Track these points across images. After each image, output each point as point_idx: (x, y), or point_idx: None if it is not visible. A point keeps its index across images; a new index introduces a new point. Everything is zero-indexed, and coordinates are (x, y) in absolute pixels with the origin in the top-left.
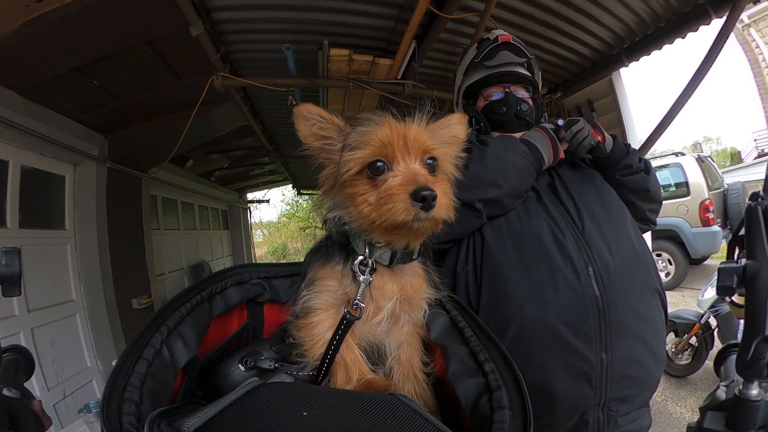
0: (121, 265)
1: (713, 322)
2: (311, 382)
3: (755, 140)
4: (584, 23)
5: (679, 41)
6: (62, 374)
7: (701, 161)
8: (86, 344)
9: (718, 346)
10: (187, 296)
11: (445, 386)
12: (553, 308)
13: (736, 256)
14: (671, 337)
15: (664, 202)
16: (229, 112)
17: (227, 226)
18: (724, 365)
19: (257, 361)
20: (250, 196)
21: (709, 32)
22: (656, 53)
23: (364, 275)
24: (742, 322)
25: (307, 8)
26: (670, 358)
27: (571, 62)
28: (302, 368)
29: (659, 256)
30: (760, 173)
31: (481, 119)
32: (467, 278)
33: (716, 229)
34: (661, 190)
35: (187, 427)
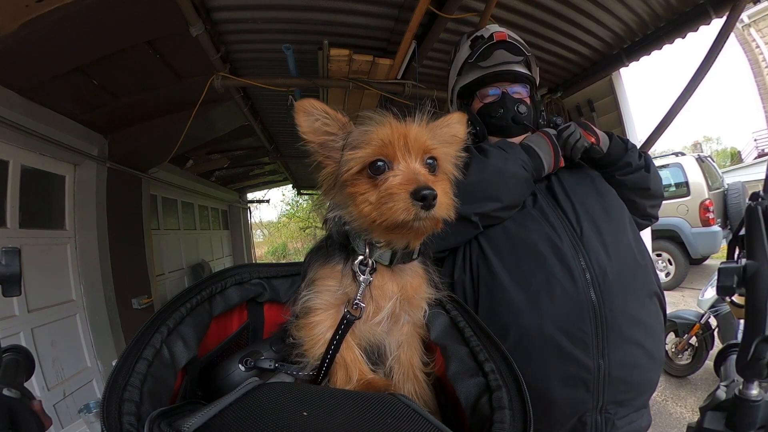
0: (121, 265)
1: (713, 322)
2: (311, 382)
3: (755, 140)
4: (584, 23)
5: (679, 41)
6: (62, 374)
7: (701, 161)
8: (86, 344)
9: (718, 346)
10: (187, 296)
11: (445, 386)
12: (549, 316)
13: (736, 256)
14: (671, 337)
15: (664, 202)
16: (229, 112)
17: (227, 226)
18: (724, 365)
19: (257, 361)
20: (250, 196)
21: (709, 32)
22: (656, 53)
23: (364, 275)
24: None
25: (307, 8)
26: (670, 358)
27: (571, 62)
28: (302, 368)
29: (659, 256)
30: (760, 173)
31: (477, 122)
32: (464, 287)
33: (716, 229)
34: (662, 184)
35: (187, 427)
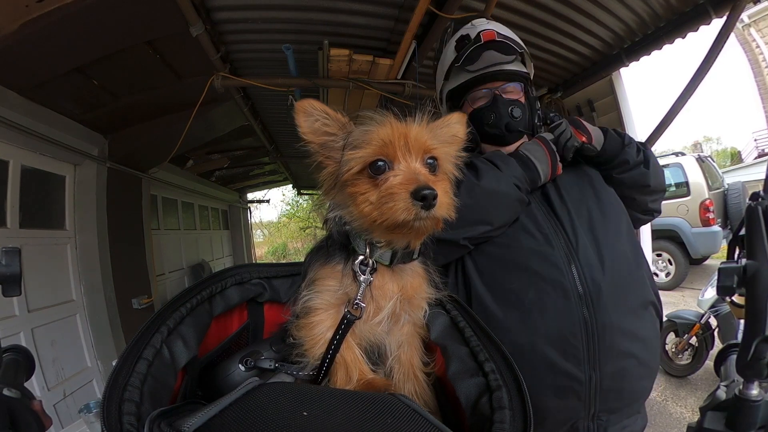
0: (121, 265)
1: (713, 322)
2: (311, 381)
3: (755, 140)
4: (584, 23)
5: (679, 41)
6: (62, 374)
7: (701, 161)
8: (86, 344)
9: (718, 346)
10: (187, 296)
11: (445, 386)
12: (541, 333)
13: (736, 256)
14: (671, 337)
15: (664, 202)
16: (229, 112)
17: (227, 226)
18: (724, 365)
19: (257, 361)
20: (250, 196)
21: (709, 32)
22: (656, 53)
23: (364, 275)
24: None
25: (307, 8)
26: (670, 358)
27: (571, 62)
28: (302, 368)
29: (659, 256)
30: (760, 173)
31: (469, 128)
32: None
33: (716, 229)
34: (663, 178)
35: (187, 427)
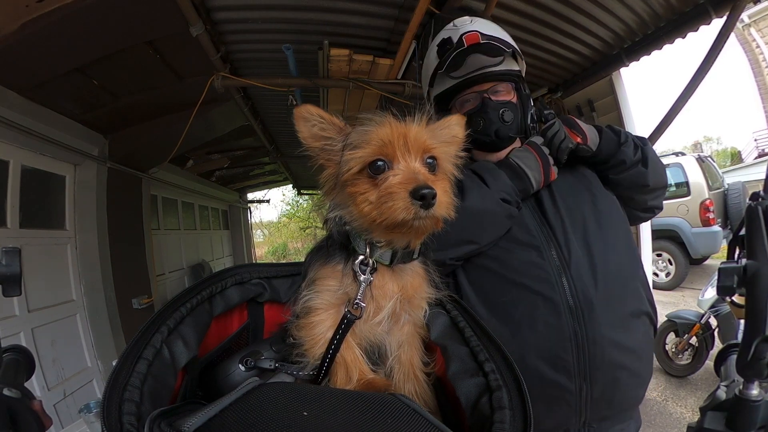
0: (121, 265)
1: (713, 322)
2: (311, 381)
3: (755, 140)
4: (584, 23)
5: (679, 41)
6: (62, 374)
7: (701, 161)
8: (86, 344)
9: (718, 346)
10: (187, 296)
11: (445, 386)
12: (531, 347)
13: (736, 256)
14: (671, 337)
15: (664, 202)
16: (229, 112)
17: (227, 226)
18: (724, 365)
19: (257, 361)
20: (250, 196)
21: (709, 32)
22: (656, 53)
23: (364, 275)
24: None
25: (307, 8)
26: (670, 357)
27: (571, 62)
28: (302, 368)
29: (659, 256)
30: (760, 173)
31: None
32: None
33: (716, 229)
34: (664, 174)
35: (187, 427)
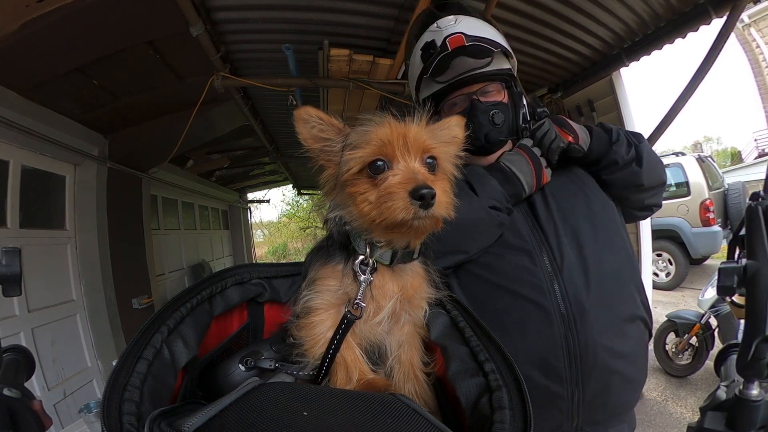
0: (121, 265)
1: (714, 322)
2: (311, 381)
3: (755, 140)
4: (584, 23)
5: (679, 41)
6: (62, 374)
7: (701, 161)
8: (86, 344)
9: (718, 346)
10: (187, 296)
11: (445, 386)
12: (522, 354)
13: (736, 256)
14: (671, 337)
15: (664, 202)
16: (229, 112)
17: (227, 226)
18: (724, 365)
19: (257, 361)
20: (250, 196)
21: (709, 32)
22: (657, 53)
23: (364, 275)
24: (742, 322)
25: (307, 8)
26: (670, 357)
27: (571, 62)
28: (302, 368)
29: (659, 256)
30: (760, 173)
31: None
32: None
33: (717, 229)
34: (661, 171)
35: (187, 427)
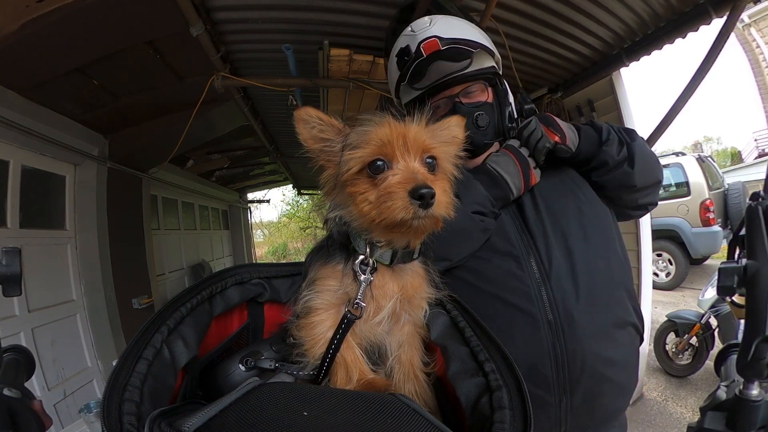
0: (121, 265)
1: (714, 322)
2: (311, 381)
3: (756, 140)
4: (584, 23)
5: (679, 41)
6: (62, 374)
7: (702, 161)
8: (86, 344)
9: (718, 346)
10: (187, 296)
11: (445, 386)
12: None
13: (736, 256)
14: (671, 337)
15: (664, 202)
16: (229, 112)
17: (227, 226)
18: (724, 365)
19: (257, 361)
20: (250, 196)
21: (709, 32)
22: (657, 53)
23: (364, 275)
24: (742, 322)
25: (307, 8)
26: (670, 357)
27: (571, 62)
28: (302, 368)
29: (659, 256)
30: (760, 173)
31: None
32: None
33: (717, 229)
34: (655, 170)
35: (187, 427)
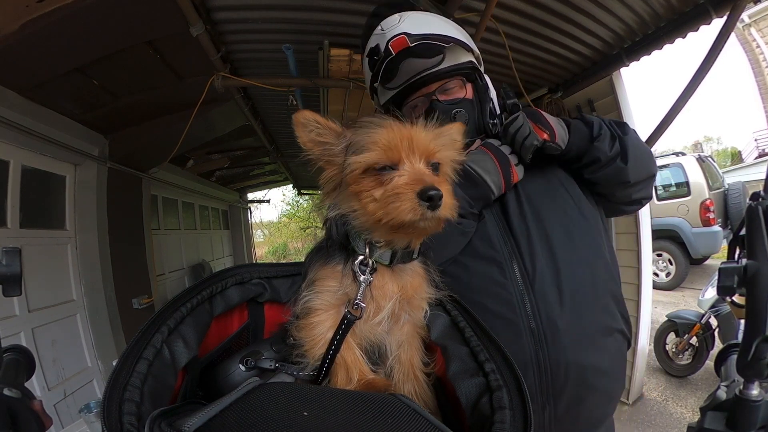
0: (121, 265)
1: (714, 322)
2: (311, 382)
3: (756, 140)
4: (584, 23)
5: (679, 41)
6: (63, 374)
7: (702, 161)
8: (87, 344)
9: (718, 346)
10: (187, 296)
11: (445, 386)
12: None
13: (736, 256)
14: (671, 337)
15: (664, 202)
16: (229, 112)
17: (228, 226)
18: (724, 365)
19: (258, 361)
20: (250, 196)
21: (709, 32)
22: (657, 53)
23: (364, 275)
24: (742, 322)
25: (307, 8)
26: (670, 357)
27: (571, 62)
28: (303, 369)
29: (659, 256)
30: (760, 173)
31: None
32: None
33: (717, 229)
34: (649, 163)
35: (187, 427)
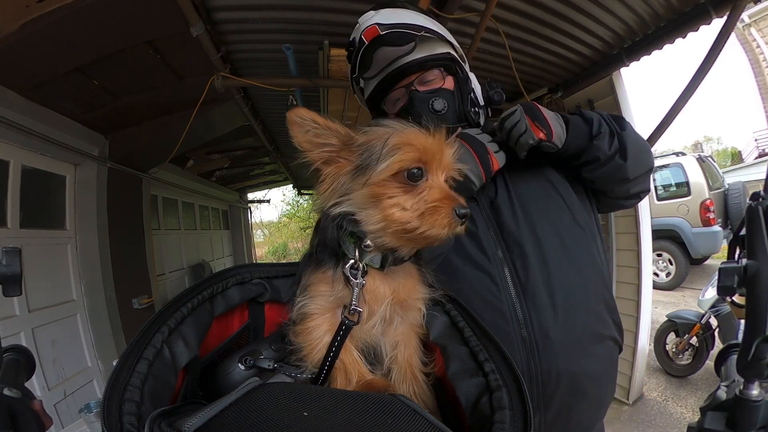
0: (121, 265)
1: (714, 322)
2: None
3: (756, 140)
4: (584, 23)
5: (679, 41)
6: (63, 374)
7: (702, 161)
8: (87, 344)
9: (718, 346)
10: (188, 296)
11: (445, 386)
12: None
13: (736, 256)
14: (671, 337)
15: (664, 202)
16: (229, 112)
17: (228, 226)
18: (724, 365)
19: (257, 360)
20: (250, 196)
21: (709, 32)
22: (657, 53)
23: (356, 279)
24: (742, 322)
25: (307, 8)
26: (670, 358)
27: (571, 62)
28: (302, 371)
29: (659, 256)
30: (760, 173)
31: None
32: None
33: (717, 229)
34: (647, 157)
35: (187, 427)
